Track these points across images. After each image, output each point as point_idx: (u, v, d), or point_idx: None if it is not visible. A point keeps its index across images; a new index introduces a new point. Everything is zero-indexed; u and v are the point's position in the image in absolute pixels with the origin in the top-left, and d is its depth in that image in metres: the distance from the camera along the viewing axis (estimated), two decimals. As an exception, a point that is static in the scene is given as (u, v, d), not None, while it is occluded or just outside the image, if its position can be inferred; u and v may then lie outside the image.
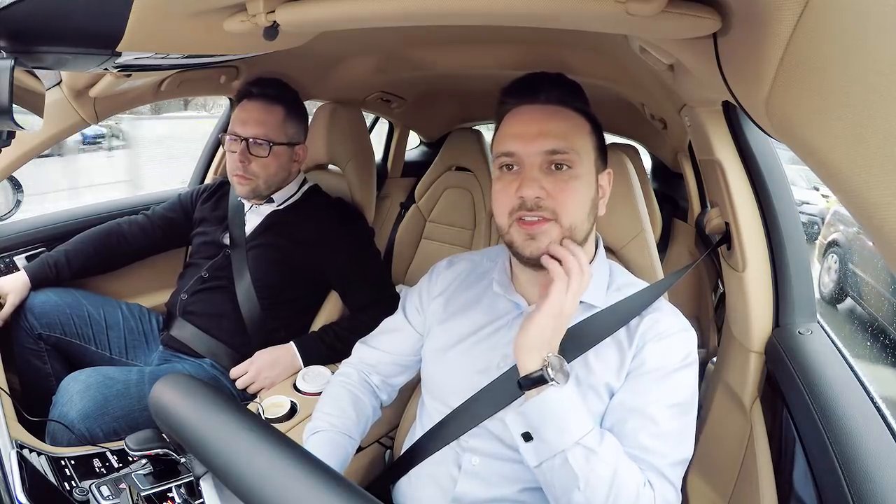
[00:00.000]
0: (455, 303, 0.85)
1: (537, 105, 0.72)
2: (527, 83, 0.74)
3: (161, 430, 0.49)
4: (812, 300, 0.89)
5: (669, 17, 0.47)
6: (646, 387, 0.68)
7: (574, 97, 0.74)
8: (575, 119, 0.72)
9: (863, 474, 0.56)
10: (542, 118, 0.70)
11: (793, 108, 0.36)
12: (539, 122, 0.70)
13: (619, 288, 0.77)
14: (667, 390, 0.68)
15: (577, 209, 0.69)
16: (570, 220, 0.69)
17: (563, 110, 0.72)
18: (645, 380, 0.69)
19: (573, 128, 0.71)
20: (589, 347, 0.71)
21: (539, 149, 0.69)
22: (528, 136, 0.69)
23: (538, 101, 0.72)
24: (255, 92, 1.25)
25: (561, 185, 0.68)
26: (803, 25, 0.34)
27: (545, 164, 0.69)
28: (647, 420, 0.66)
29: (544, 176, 0.69)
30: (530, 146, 0.69)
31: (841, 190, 0.32)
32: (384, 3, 0.58)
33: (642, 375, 0.69)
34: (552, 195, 0.68)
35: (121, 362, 1.26)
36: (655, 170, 2.15)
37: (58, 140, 1.15)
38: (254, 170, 1.23)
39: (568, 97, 0.73)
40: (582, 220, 0.70)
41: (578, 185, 0.69)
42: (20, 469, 0.83)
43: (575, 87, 0.76)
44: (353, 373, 0.92)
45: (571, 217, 0.69)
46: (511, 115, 0.73)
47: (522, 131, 0.70)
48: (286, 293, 1.28)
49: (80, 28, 0.61)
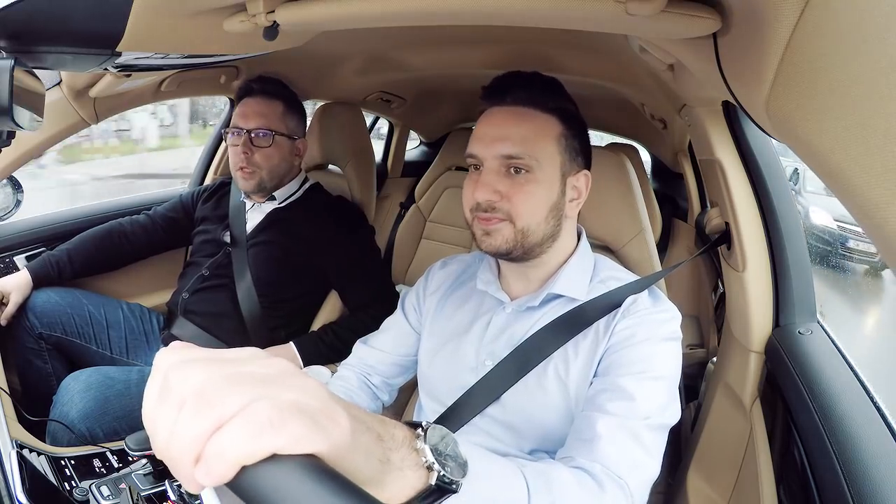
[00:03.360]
0: (446, 303, 0.86)
1: (504, 107, 0.72)
2: (497, 85, 0.74)
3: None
4: (812, 300, 0.89)
5: (669, 16, 0.47)
6: (617, 360, 0.67)
7: (547, 97, 0.72)
8: (541, 121, 0.71)
9: (863, 474, 0.56)
10: (504, 122, 0.71)
11: (793, 107, 0.36)
12: (500, 126, 0.71)
13: (602, 280, 0.77)
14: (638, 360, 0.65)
15: (532, 212, 0.70)
16: (524, 222, 0.70)
17: (529, 112, 0.71)
18: (616, 356, 0.67)
19: (535, 131, 0.70)
20: (566, 341, 0.71)
21: (497, 152, 0.70)
22: (487, 139, 0.71)
23: (505, 103, 0.72)
24: (256, 88, 1.27)
25: (516, 189, 0.70)
26: (803, 25, 0.34)
27: (503, 167, 0.70)
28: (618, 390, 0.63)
29: (501, 179, 0.70)
30: (489, 149, 0.70)
31: (841, 190, 0.32)
32: (384, 3, 0.58)
33: (615, 353, 0.68)
34: (507, 197, 0.70)
35: (121, 362, 1.26)
36: (655, 170, 2.15)
37: (58, 140, 1.14)
38: (257, 161, 1.24)
39: (539, 97, 0.72)
40: (537, 223, 0.71)
41: (535, 188, 0.70)
42: (20, 469, 0.83)
43: (550, 86, 0.74)
44: (351, 376, 0.92)
45: (525, 220, 0.70)
46: (481, 117, 0.75)
47: (483, 134, 0.72)
48: (286, 292, 1.28)
49: (80, 28, 0.61)
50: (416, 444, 0.38)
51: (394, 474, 0.36)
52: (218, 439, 0.27)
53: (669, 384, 0.66)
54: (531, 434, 0.72)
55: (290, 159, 1.31)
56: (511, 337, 0.76)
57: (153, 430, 0.29)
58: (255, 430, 0.27)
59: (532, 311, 0.76)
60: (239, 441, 0.27)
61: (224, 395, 0.28)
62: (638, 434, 0.60)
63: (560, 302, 0.75)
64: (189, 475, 0.27)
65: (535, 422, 0.72)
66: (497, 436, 0.74)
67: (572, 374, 0.70)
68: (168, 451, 0.28)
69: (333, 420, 0.30)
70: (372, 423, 0.35)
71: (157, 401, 0.30)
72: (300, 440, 0.28)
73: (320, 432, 0.29)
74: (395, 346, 0.91)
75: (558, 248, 0.76)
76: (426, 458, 0.38)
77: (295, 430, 0.28)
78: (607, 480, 0.55)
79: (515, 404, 0.73)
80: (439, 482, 0.37)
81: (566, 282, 0.75)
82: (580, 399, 0.70)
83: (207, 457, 0.27)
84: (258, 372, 0.31)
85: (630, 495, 0.56)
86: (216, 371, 0.29)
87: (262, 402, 0.28)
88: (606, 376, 0.67)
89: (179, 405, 0.28)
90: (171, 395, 0.29)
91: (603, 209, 0.96)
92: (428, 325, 0.87)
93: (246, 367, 0.31)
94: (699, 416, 1.08)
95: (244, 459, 0.27)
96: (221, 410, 0.27)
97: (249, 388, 0.29)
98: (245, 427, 0.27)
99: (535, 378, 0.72)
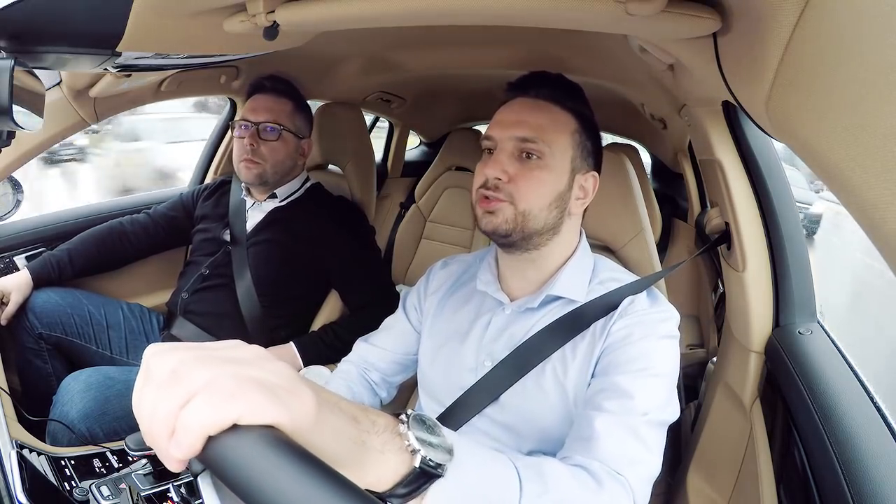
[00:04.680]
0: (447, 303, 0.86)
1: (526, 98, 0.75)
2: (524, 79, 0.77)
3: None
4: (812, 300, 0.89)
5: (669, 16, 0.47)
6: (615, 359, 0.67)
7: (569, 97, 0.75)
8: (559, 115, 0.74)
9: (863, 474, 0.56)
10: (525, 109, 0.74)
11: (793, 108, 0.36)
12: (519, 112, 0.74)
13: (601, 282, 0.77)
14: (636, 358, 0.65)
15: (536, 197, 0.72)
16: (526, 205, 0.71)
17: (549, 106, 0.74)
18: (614, 355, 0.67)
19: (552, 122, 0.73)
20: (565, 342, 0.71)
21: (512, 134, 0.72)
22: (505, 123, 0.73)
23: (528, 96, 0.75)
24: (268, 85, 1.30)
25: (525, 173, 0.71)
26: (803, 25, 0.34)
27: (516, 150, 0.72)
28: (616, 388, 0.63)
29: (512, 161, 0.72)
30: (505, 132, 0.73)
31: (840, 189, 0.32)
32: (384, 3, 0.58)
33: (613, 352, 0.68)
34: (514, 180, 0.71)
35: (121, 362, 1.26)
36: (655, 170, 2.15)
37: (58, 140, 1.14)
38: (263, 153, 1.25)
39: (561, 96, 0.74)
40: (539, 209, 0.72)
41: (543, 175, 0.71)
42: (20, 469, 0.83)
43: (572, 88, 0.77)
44: (351, 369, 0.92)
45: (527, 203, 0.71)
46: (502, 107, 0.77)
47: (503, 118, 0.74)
48: (286, 291, 1.28)
49: (80, 28, 0.61)
50: (399, 428, 0.38)
51: (374, 457, 0.36)
52: (185, 412, 0.29)
53: (668, 381, 0.66)
54: (530, 435, 0.72)
55: (295, 157, 1.32)
56: (510, 338, 0.76)
57: (139, 415, 0.32)
58: (217, 401, 0.29)
59: (531, 312, 0.76)
60: (202, 412, 0.29)
61: (192, 372, 0.30)
62: (636, 430, 0.59)
63: (559, 303, 0.75)
64: (166, 451, 0.30)
65: (534, 423, 0.72)
66: (496, 436, 0.74)
67: (570, 375, 0.70)
68: (150, 433, 0.30)
69: (296, 395, 0.32)
70: (347, 407, 0.36)
71: (140, 387, 0.33)
72: (259, 410, 0.29)
73: (279, 404, 0.30)
74: (395, 344, 0.92)
75: (559, 245, 0.76)
76: (409, 441, 0.38)
77: (254, 400, 0.29)
78: (606, 477, 0.54)
79: (514, 405, 0.73)
80: (423, 465, 0.37)
81: (565, 283, 0.75)
82: (578, 400, 0.70)
83: (177, 430, 0.29)
84: (230, 355, 0.33)
85: (630, 491, 0.55)
86: (189, 354, 0.32)
87: (225, 376, 0.30)
88: (605, 376, 0.67)
89: (157, 386, 0.31)
90: (150, 379, 0.32)
91: (603, 209, 0.96)
92: (428, 325, 0.87)
93: (220, 352, 0.34)
94: (699, 416, 1.08)
95: (208, 429, 0.29)
96: (188, 385, 0.30)
97: (216, 366, 0.31)
98: (208, 399, 0.29)
99: (534, 379, 0.72)
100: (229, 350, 0.34)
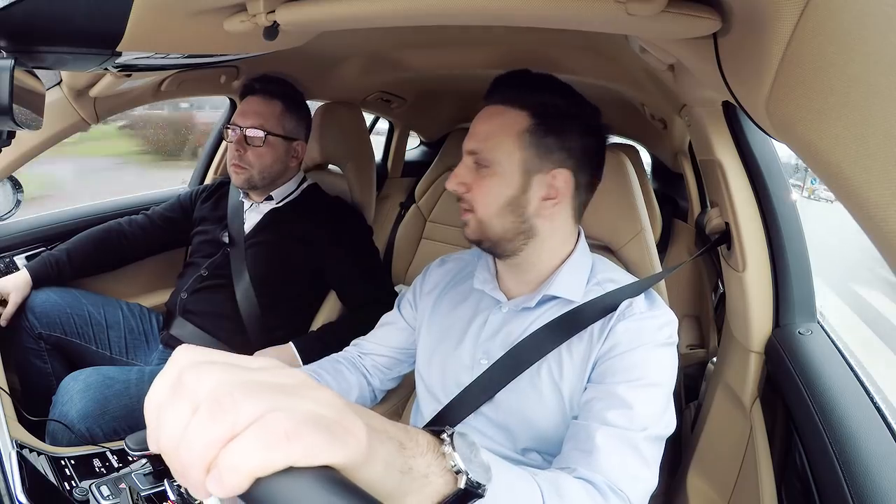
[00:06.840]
0: (443, 301, 0.87)
1: (488, 105, 0.76)
2: (490, 87, 0.78)
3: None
4: (812, 300, 0.89)
5: (669, 17, 0.47)
6: (612, 366, 0.67)
7: (525, 93, 0.73)
8: (507, 118, 0.73)
9: (863, 474, 0.56)
10: (480, 119, 0.76)
11: (793, 108, 0.36)
12: (475, 123, 0.76)
13: (599, 282, 0.77)
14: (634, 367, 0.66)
15: (486, 206, 0.73)
16: (482, 213, 0.74)
17: (501, 109, 0.74)
18: (612, 362, 0.68)
19: (499, 127, 0.73)
20: (561, 342, 0.71)
21: (465, 147, 0.75)
22: (467, 135, 0.76)
23: (491, 102, 0.76)
24: (257, 87, 1.28)
25: (478, 182, 0.74)
26: (804, 25, 0.34)
27: (471, 161, 0.75)
28: (615, 398, 0.64)
29: (470, 172, 0.75)
30: (464, 145, 0.76)
31: (841, 190, 0.32)
32: (384, 4, 0.58)
33: (610, 359, 0.68)
34: (470, 190, 0.74)
35: (121, 362, 1.26)
36: (655, 170, 2.15)
37: (58, 140, 1.14)
38: (249, 159, 1.25)
39: (515, 95, 0.74)
40: (491, 216, 0.73)
41: (492, 182, 0.73)
42: (20, 469, 0.83)
43: (532, 82, 0.75)
44: (344, 353, 0.94)
45: (482, 211, 0.74)
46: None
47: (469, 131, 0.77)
48: (285, 291, 1.28)
49: (80, 28, 0.61)
50: (442, 448, 0.37)
51: (419, 482, 0.35)
52: (232, 450, 0.26)
53: (665, 391, 0.66)
54: (524, 434, 0.73)
55: (286, 160, 1.31)
56: (507, 336, 0.76)
57: (158, 424, 0.29)
58: (270, 442, 0.26)
59: (528, 312, 0.76)
60: (254, 453, 0.26)
61: (239, 403, 0.27)
62: (637, 446, 0.61)
63: (556, 303, 0.75)
64: (198, 482, 0.27)
65: (528, 422, 0.72)
66: (491, 435, 0.74)
67: (566, 376, 0.70)
68: (177, 454, 0.27)
69: (349, 431, 0.30)
70: (393, 431, 0.35)
71: (167, 395, 0.29)
72: (316, 452, 0.27)
73: (336, 443, 0.28)
74: (388, 338, 0.93)
75: (542, 248, 0.76)
76: (454, 462, 0.37)
77: (311, 443, 0.27)
78: (610, 493, 0.56)
79: (509, 404, 0.73)
80: (468, 486, 0.37)
81: (562, 283, 0.75)
82: (574, 402, 0.70)
83: (221, 467, 0.26)
84: (274, 381, 0.30)
85: None
86: (232, 377, 0.29)
87: (278, 412, 0.27)
88: (602, 384, 0.67)
89: (192, 407, 0.28)
90: (184, 394, 0.28)
91: (602, 209, 0.96)
92: (426, 323, 0.87)
93: (262, 375, 0.30)
94: (699, 416, 1.08)
95: (259, 471, 0.26)
96: (235, 419, 0.26)
97: (265, 398, 0.28)
98: (260, 438, 0.26)
99: (529, 379, 0.72)
100: (273, 374, 0.30)
